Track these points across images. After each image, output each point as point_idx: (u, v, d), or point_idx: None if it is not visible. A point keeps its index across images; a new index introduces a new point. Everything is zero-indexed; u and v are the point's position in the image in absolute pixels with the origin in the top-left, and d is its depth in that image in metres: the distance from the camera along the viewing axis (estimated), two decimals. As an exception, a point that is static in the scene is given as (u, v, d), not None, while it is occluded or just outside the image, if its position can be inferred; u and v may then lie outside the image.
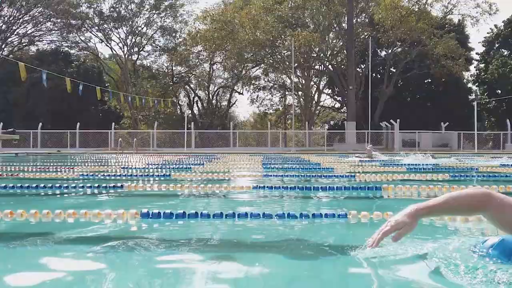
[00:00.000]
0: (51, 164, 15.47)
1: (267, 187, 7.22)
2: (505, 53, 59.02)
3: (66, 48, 61.90)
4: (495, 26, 60.02)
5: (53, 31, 61.11)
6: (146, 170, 12.37)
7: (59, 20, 59.75)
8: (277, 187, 7.26)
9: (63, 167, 13.32)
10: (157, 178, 9.99)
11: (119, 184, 7.34)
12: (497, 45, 60.05)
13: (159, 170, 12.51)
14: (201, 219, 4.82)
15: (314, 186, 7.65)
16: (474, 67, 62.30)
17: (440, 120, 46.88)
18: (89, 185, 7.36)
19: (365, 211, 4.83)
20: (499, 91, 56.42)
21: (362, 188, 7.62)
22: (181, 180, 9.31)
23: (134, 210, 4.89)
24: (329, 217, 4.88)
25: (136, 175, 10.51)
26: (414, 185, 7.37)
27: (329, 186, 7.28)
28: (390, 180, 9.20)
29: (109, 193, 6.84)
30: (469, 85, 63.23)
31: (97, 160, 19.31)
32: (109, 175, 10.39)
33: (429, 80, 58.89)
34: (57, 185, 7.32)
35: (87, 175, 10.31)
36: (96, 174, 10.61)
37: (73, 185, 7.40)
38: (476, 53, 62.31)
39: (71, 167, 13.50)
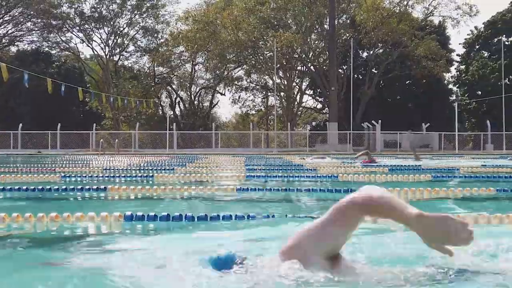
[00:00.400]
0: (33, 165, 15.32)
1: (251, 189, 7.21)
2: (485, 54, 59.48)
3: (47, 49, 61.41)
4: (475, 27, 60.50)
5: (34, 31, 60.64)
6: (129, 172, 12.30)
7: (39, 20, 59.27)
8: (260, 189, 7.26)
9: (45, 168, 13.20)
10: (139, 180, 9.93)
11: (102, 186, 7.27)
12: (477, 47, 60.50)
13: (142, 171, 12.46)
14: (186, 222, 4.81)
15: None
16: (455, 69, 62.75)
17: (421, 121, 47.15)
18: (72, 187, 7.28)
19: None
20: (479, 92, 56.88)
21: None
22: (163, 183, 9.27)
23: (117, 213, 4.86)
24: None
25: (119, 177, 10.43)
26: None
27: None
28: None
29: (93, 196, 6.78)
30: (450, 86, 63.70)
31: (79, 162, 19.17)
32: (91, 177, 10.31)
33: (410, 81, 59.18)
34: (40, 187, 7.26)
35: (69, 176, 10.22)
36: (79, 175, 10.52)
37: (56, 187, 7.33)
38: (457, 55, 62.75)
39: (53, 168, 13.39)
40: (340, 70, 57.12)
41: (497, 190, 7.23)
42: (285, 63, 57.20)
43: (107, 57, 61.44)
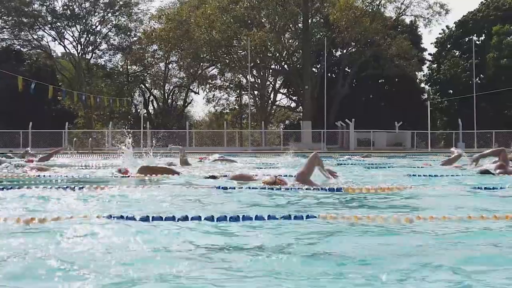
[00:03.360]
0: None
1: (230, 187, 7.19)
2: (457, 53, 60.17)
3: (18, 47, 60.70)
4: (447, 27, 61.12)
5: (4, 29, 59.83)
6: (107, 171, 12.16)
7: (10, 18, 58.52)
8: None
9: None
10: (118, 179, 9.82)
11: (81, 186, 7.19)
12: (448, 46, 61.16)
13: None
14: (165, 221, 4.79)
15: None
16: (427, 67, 63.37)
17: (394, 120, 47.45)
18: (50, 187, 7.17)
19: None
20: (451, 91, 57.49)
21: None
22: (143, 181, 9.22)
23: (96, 214, 4.83)
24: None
25: (95, 177, 10.31)
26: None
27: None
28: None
29: (71, 196, 6.67)
30: (422, 85, 64.32)
31: (53, 161, 18.86)
32: (66, 176, 10.17)
33: (383, 80, 59.68)
34: (17, 187, 7.14)
35: (45, 176, 10.08)
36: (55, 175, 10.34)
37: (34, 187, 7.20)
38: (429, 54, 63.40)
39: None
40: (313, 69, 57.33)
41: None
42: (258, 62, 57.24)
43: (80, 55, 60.90)
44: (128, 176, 10.00)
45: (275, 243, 4.06)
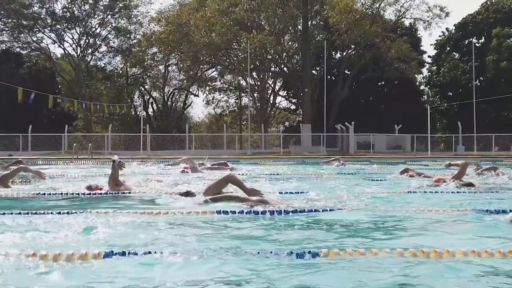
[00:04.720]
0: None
1: (230, 211, 7.13)
2: (456, 56, 60.15)
3: (18, 49, 60.66)
4: (447, 29, 61.16)
5: (4, 32, 59.79)
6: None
7: (10, 20, 58.50)
8: (233, 212, 7.17)
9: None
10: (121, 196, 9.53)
11: (83, 209, 7.03)
12: (448, 49, 61.15)
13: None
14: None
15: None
16: (427, 70, 63.39)
17: (393, 122, 47.43)
18: (50, 212, 6.94)
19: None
20: (451, 94, 57.49)
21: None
22: (146, 200, 9.04)
23: (97, 251, 4.73)
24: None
25: (96, 194, 9.88)
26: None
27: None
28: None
29: (69, 220, 6.45)
30: (422, 87, 64.29)
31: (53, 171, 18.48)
32: (67, 194, 9.81)
33: (383, 83, 59.65)
34: (12, 211, 6.81)
35: (44, 194, 9.77)
36: (54, 193, 9.96)
37: (36, 211, 6.94)
38: (428, 56, 63.40)
39: (26, 181, 12.62)
40: (313, 72, 57.31)
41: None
42: (258, 64, 57.19)
43: (79, 57, 60.90)
44: (99, 193, 9.63)
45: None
